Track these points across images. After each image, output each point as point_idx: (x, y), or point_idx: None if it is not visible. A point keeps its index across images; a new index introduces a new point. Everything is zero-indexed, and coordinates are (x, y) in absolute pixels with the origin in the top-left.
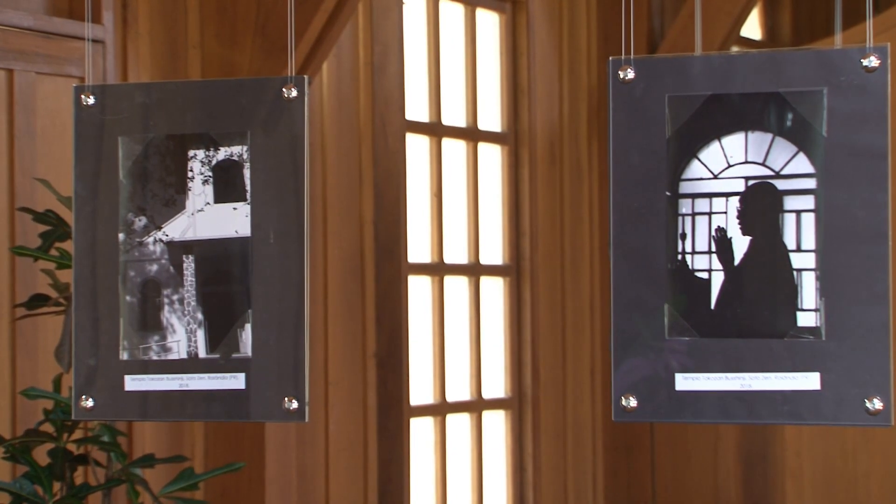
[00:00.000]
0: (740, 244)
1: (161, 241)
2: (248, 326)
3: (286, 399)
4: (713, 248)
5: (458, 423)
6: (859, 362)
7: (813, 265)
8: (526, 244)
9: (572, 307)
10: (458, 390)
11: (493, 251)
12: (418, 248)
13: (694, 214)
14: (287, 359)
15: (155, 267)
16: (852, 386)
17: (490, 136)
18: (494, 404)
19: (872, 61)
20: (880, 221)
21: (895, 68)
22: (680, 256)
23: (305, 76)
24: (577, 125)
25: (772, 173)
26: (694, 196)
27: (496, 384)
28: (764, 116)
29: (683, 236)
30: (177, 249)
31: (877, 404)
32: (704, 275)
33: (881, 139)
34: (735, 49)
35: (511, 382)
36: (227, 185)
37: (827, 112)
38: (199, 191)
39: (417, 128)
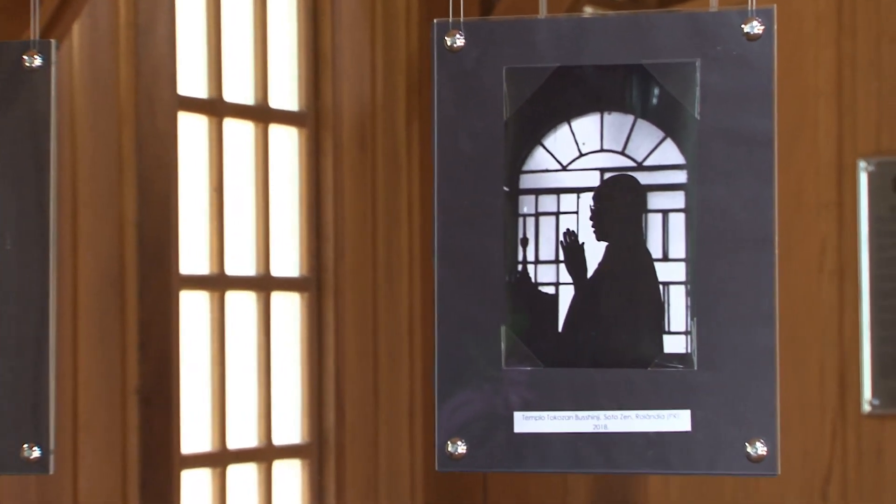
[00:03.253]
0: (594, 252)
1: None
2: None
3: (25, 446)
4: (561, 257)
5: (243, 476)
6: (739, 397)
7: (683, 277)
8: (329, 251)
9: (387, 330)
10: (243, 435)
11: (288, 260)
12: (193, 257)
13: (538, 215)
14: (27, 396)
15: None
16: (731, 426)
17: (284, 117)
18: (288, 452)
19: (755, 27)
20: (765, 223)
21: (782, 36)
22: (520, 267)
23: (52, 40)
24: (393, 104)
25: (633, 164)
26: (538, 192)
27: (291, 427)
28: (624, 94)
29: (525, 242)
30: None
31: (760, 449)
32: (550, 289)
33: (766, 122)
34: (589, 11)
35: (309, 425)
36: None
37: (700, 89)
38: None
39: (193, 105)
